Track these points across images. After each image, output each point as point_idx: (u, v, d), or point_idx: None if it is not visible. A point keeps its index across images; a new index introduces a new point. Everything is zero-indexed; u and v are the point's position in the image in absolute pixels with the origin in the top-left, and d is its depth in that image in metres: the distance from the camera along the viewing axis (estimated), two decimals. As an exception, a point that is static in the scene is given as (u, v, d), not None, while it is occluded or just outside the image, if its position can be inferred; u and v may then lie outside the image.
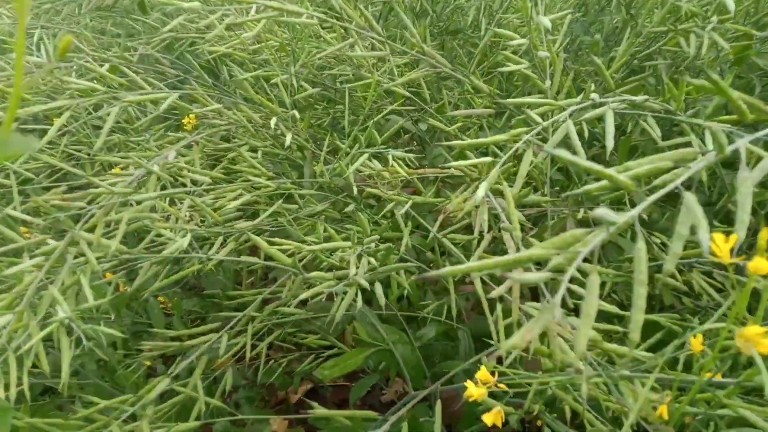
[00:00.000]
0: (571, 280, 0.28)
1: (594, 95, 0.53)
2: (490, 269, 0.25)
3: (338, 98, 1.19)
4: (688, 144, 0.73)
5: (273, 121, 0.73)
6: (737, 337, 0.32)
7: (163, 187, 0.64)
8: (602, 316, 0.57)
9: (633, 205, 0.40)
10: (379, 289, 0.56)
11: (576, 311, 0.51)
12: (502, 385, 0.42)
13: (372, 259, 0.56)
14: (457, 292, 0.89)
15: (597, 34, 1.24)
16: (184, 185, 0.68)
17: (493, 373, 0.42)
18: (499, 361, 0.62)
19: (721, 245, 0.30)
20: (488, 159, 0.45)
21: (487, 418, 0.42)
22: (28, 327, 0.48)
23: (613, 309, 0.50)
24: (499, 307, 0.63)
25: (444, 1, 1.37)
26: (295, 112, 0.76)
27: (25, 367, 0.47)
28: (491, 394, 0.42)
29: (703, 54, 0.84)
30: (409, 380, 0.74)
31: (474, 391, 0.41)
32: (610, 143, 0.55)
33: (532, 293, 0.89)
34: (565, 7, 1.16)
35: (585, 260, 0.29)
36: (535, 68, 0.75)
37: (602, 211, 0.25)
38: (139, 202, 0.60)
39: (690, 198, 0.29)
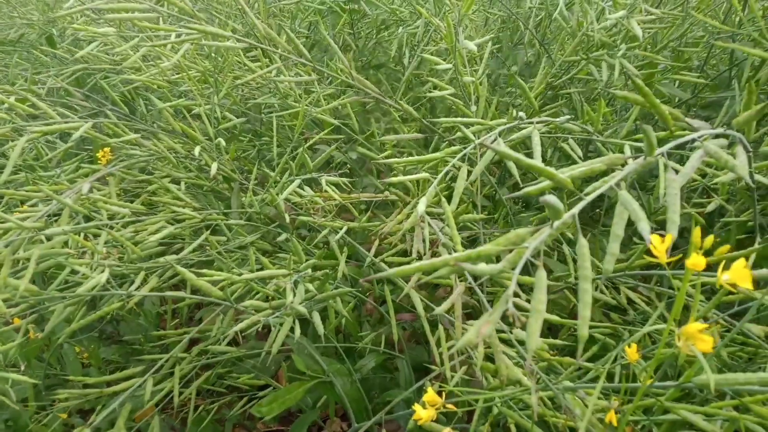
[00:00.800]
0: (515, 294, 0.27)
1: (521, 113, 0.54)
2: (439, 267, 0.24)
3: (264, 130, 1.17)
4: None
5: (197, 150, 0.70)
6: (678, 337, 0.32)
7: (78, 223, 0.59)
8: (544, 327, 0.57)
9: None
10: (317, 317, 0.54)
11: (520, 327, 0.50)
12: (450, 406, 0.41)
13: (309, 286, 0.53)
14: (396, 321, 0.88)
15: (513, 66, 1.29)
16: (100, 220, 0.63)
17: (440, 394, 0.40)
18: (443, 382, 0.61)
19: (658, 246, 0.30)
20: (426, 175, 0.45)
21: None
22: None
23: (554, 318, 0.50)
24: (439, 330, 0.62)
25: (366, 36, 1.39)
26: (221, 140, 0.73)
27: None
28: (441, 415, 0.41)
29: (614, 80, 0.89)
30: (352, 414, 0.71)
31: (423, 413, 0.39)
32: (537, 159, 0.56)
33: (468, 316, 0.89)
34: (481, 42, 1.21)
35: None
36: (460, 95, 0.77)
37: (551, 198, 0.25)
38: (49, 238, 0.55)
39: (625, 194, 0.29)
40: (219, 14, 1.00)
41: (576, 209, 0.29)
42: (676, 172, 0.40)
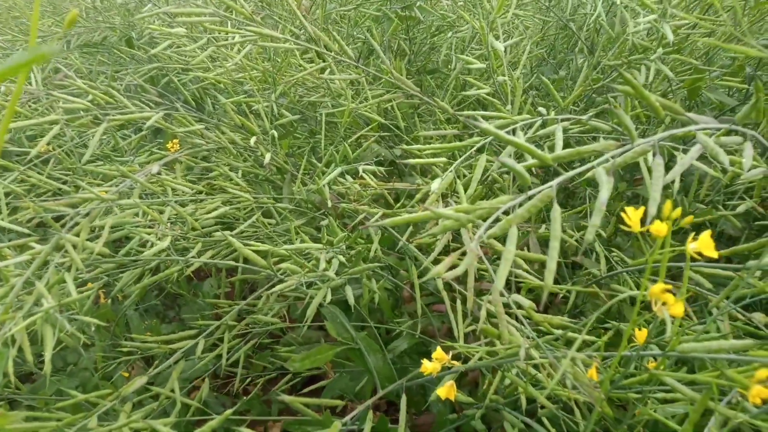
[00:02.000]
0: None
1: (542, 109, 0.58)
2: (423, 218, 0.29)
3: (317, 129, 1.25)
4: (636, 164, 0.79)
5: (253, 140, 0.78)
6: (650, 297, 0.36)
7: (146, 198, 0.68)
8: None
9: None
10: (349, 290, 0.60)
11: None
12: (455, 362, 0.45)
13: (342, 258, 0.59)
14: (430, 311, 0.93)
15: (562, 72, 1.32)
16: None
17: (447, 351, 0.45)
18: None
19: (632, 216, 0.34)
20: (443, 159, 0.50)
21: (441, 392, 0.45)
22: (14, 319, 0.51)
23: (536, 282, 0.54)
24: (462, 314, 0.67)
25: (420, 42, 1.45)
26: (274, 132, 0.81)
27: (10, 356, 0.49)
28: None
29: (650, 83, 0.91)
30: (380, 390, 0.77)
31: (428, 366, 0.44)
32: (561, 151, 0.60)
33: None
34: (535, 50, 1.24)
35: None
36: (497, 94, 0.81)
37: (510, 161, 0.30)
38: (122, 209, 0.64)
39: (599, 170, 0.33)
40: (280, 19, 1.08)
41: (555, 181, 0.33)
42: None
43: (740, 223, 0.89)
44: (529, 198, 0.33)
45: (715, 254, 0.33)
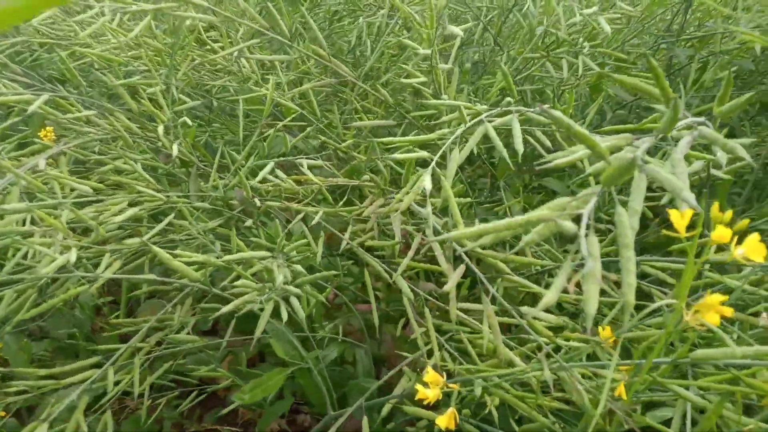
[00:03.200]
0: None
1: (507, 99, 0.55)
2: (501, 230, 0.23)
3: (215, 115, 1.12)
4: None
5: (161, 129, 0.66)
6: (689, 310, 0.33)
7: (32, 200, 0.54)
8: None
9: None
10: (296, 302, 0.52)
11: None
12: (453, 385, 0.40)
13: (299, 267, 0.51)
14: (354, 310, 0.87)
15: (467, 64, 1.31)
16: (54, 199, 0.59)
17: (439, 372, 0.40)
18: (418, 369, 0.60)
19: (677, 221, 0.31)
20: (426, 154, 0.44)
21: (441, 421, 0.39)
22: None
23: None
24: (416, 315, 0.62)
25: (319, 27, 1.37)
26: (186, 119, 0.70)
27: None
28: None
29: (566, 78, 0.92)
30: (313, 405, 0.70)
31: (427, 393, 0.39)
32: (519, 146, 0.57)
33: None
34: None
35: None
36: (429, 84, 0.77)
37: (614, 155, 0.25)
38: (1, 216, 0.50)
39: (650, 167, 0.30)
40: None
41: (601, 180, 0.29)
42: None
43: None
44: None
45: (762, 258, 0.31)
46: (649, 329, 0.51)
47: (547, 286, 0.75)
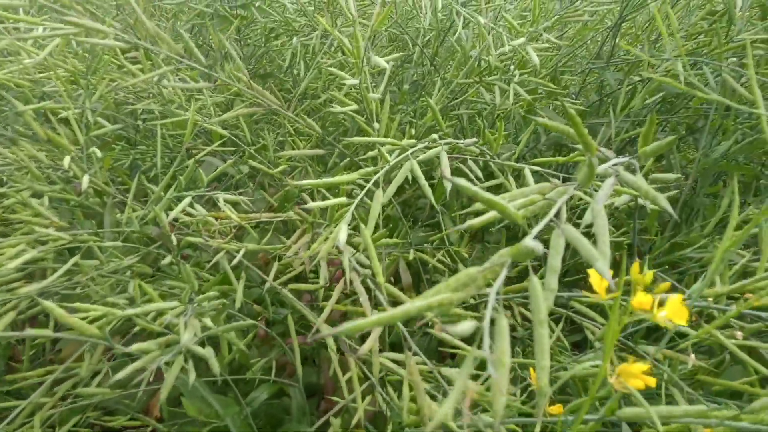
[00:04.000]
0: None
1: (435, 135, 0.53)
2: (399, 318, 0.21)
3: (139, 138, 1.07)
4: (501, 185, 0.78)
5: (66, 160, 0.61)
6: (613, 374, 0.31)
7: None
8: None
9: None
10: (210, 353, 0.48)
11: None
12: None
13: (208, 322, 0.47)
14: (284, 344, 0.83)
15: (405, 85, 1.30)
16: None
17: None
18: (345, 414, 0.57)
19: (596, 283, 0.29)
20: (344, 200, 0.42)
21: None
22: None
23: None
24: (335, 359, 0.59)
25: (254, 45, 1.34)
26: (96, 150, 0.65)
27: None
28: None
29: (498, 104, 0.91)
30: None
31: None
32: (448, 184, 0.55)
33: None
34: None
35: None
36: (362, 112, 0.74)
37: (534, 243, 0.22)
38: None
39: (570, 229, 0.28)
40: (91, 6, 0.89)
41: (531, 235, 0.27)
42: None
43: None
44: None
45: (685, 322, 0.29)
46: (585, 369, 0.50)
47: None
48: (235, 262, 0.56)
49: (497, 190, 0.97)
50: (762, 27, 0.86)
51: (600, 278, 0.29)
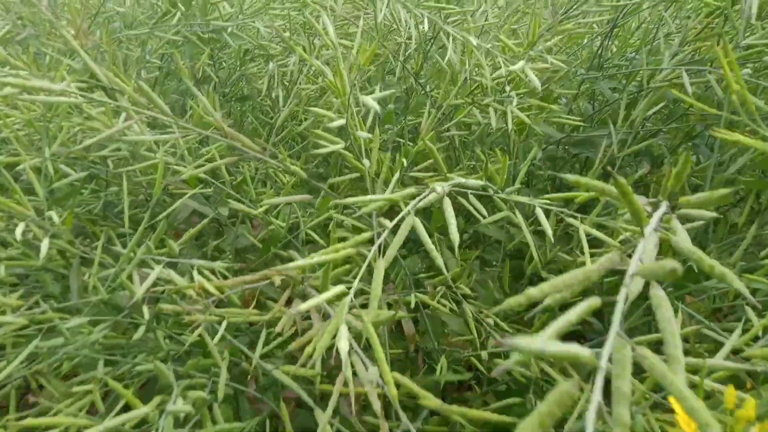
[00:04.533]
0: None
1: (437, 185, 0.46)
2: None
3: (110, 178, 0.99)
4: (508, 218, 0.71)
5: (19, 230, 0.54)
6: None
7: None
8: None
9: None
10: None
11: None
12: None
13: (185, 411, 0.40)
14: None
15: (390, 105, 1.23)
16: None
17: None
18: None
19: (685, 422, 0.23)
20: (342, 288, 0.35)
21: None
22: None
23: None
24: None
25: (229, 67, 1.27)
26: (53, 214, 0.57)
27: None
28: None
29: (494, 126, 0.85)
30: None
31: None
32: (454, 236, 0.48)
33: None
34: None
35: None
36: (351, 148, 0.68)
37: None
38: None
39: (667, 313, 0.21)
40: (47, 49, 0.82)
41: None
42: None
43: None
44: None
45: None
46: None
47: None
48: (216, 338, 0.49)
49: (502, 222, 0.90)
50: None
51: (688, 420, 0.23)
